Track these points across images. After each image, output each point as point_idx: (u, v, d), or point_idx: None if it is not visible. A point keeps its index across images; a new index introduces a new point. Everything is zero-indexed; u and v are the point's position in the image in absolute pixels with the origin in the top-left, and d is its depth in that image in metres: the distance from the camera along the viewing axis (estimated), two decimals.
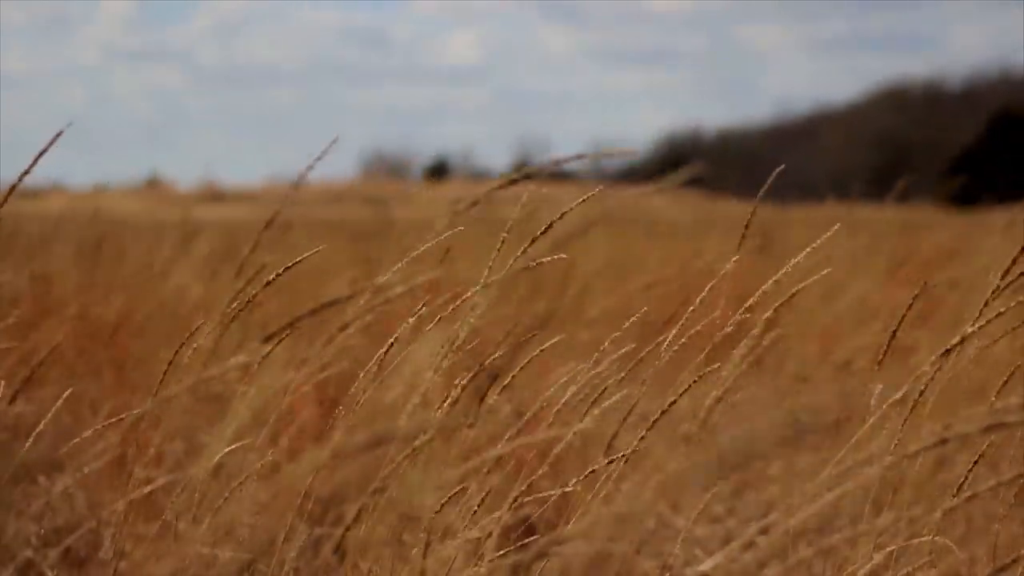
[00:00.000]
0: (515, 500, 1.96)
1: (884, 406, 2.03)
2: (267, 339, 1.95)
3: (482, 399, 2.01)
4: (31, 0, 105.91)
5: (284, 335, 1.93)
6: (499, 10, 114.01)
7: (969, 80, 54.33)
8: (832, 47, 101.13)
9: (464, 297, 2.02)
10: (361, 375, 2.05)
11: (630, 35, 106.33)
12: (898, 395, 2.02)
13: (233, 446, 1.97)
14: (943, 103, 51.37)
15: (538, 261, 1.92)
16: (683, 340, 2.07)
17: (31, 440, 2.97)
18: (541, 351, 2.09)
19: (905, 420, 1.98)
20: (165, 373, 2.20)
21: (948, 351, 1.97)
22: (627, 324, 2.15)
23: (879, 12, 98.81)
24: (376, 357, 2.04)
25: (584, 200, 1.96)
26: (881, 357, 2.11)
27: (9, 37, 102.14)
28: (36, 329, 3.51)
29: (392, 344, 2.04)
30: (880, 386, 2.07)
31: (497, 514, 1.94)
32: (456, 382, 2.01)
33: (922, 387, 1.98)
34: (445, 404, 2.01)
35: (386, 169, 51.60)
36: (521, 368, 2.06)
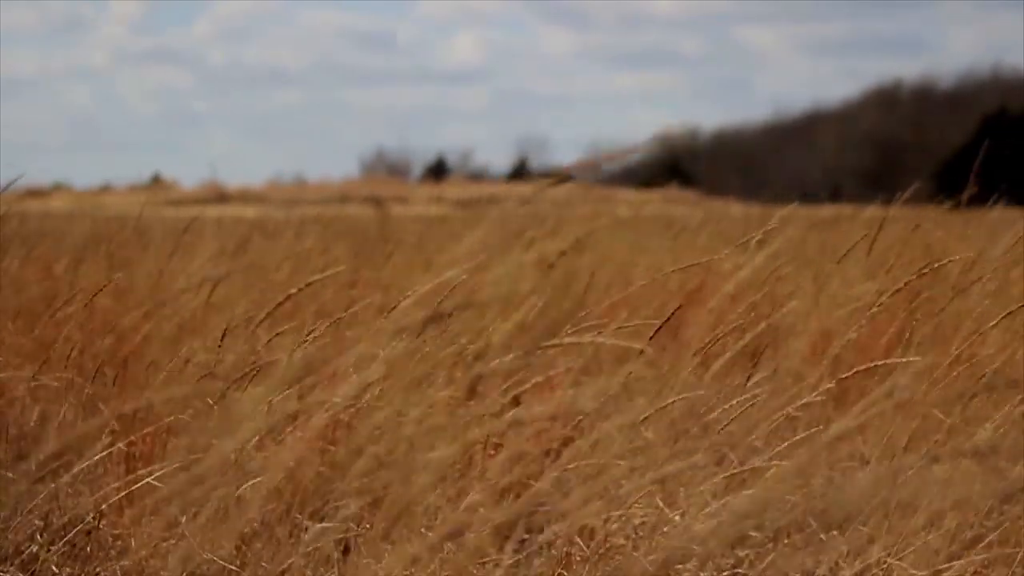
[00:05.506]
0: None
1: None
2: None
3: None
4: (42, 1, 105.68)
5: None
6: (500, 11, 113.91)
7: (961, 80, 54.28)
8: (829, 48, 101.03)
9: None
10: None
11: (629, 37, 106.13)
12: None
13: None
14: (935, 103, 51.27)
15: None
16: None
17: (35, 435, 3.01)
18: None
19: None
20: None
21: None
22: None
23: (876, 14, 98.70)
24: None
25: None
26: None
27: (20, 38, 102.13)
28: (42, 325, 3.55)
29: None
30: None
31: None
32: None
33: None
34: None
35: (386, 169, 51.59)
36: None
